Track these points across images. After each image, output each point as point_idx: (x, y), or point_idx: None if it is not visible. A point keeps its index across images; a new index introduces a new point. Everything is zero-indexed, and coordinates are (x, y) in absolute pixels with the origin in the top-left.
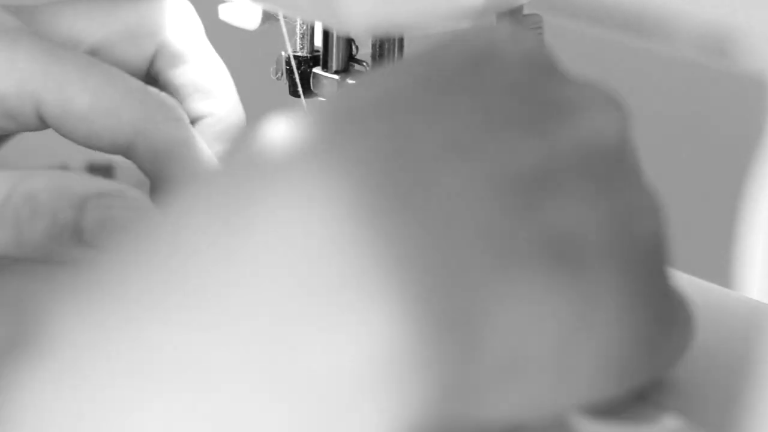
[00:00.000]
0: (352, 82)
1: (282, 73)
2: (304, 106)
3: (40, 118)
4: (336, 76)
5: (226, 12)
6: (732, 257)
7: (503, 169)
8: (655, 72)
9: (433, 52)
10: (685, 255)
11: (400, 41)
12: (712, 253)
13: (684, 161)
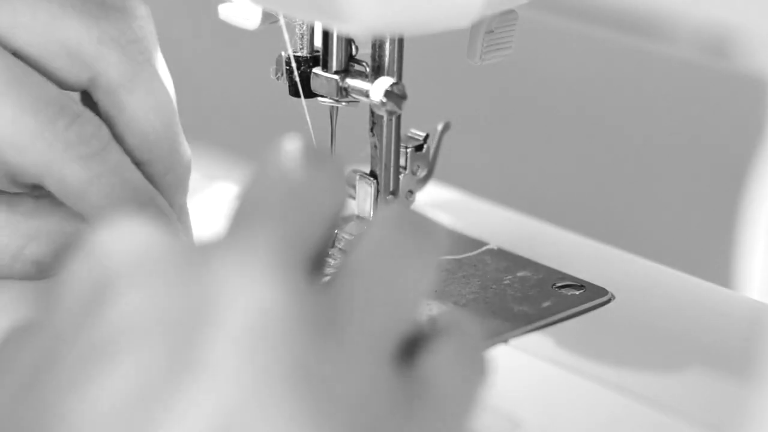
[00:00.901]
0: None
1: (282, 73)
2: (303, 105)
3: None
4: (336, 76)
5: (226, 12)
6: (732, 257)
7: None
8: (655, 72)
9: None
10: (685, 255)
11: (400, 41)
12: (712, 253)
13: (684, 161)
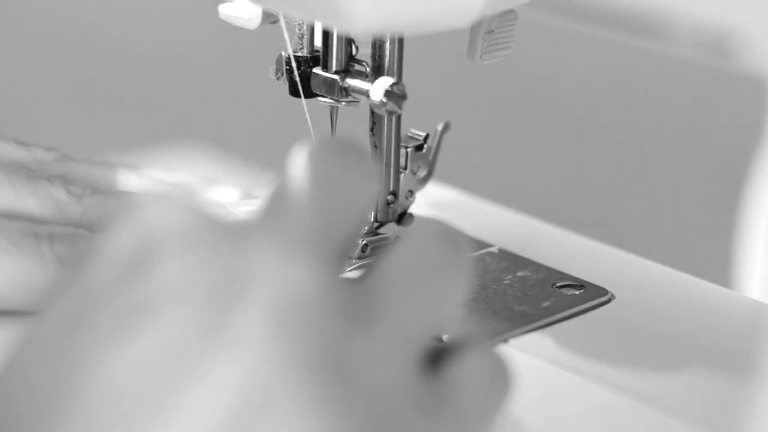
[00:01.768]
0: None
1: (282, 73)
2: (304, 105)
3: None
4: (336, 76)
5: (226, 12)
6: (732, 257)
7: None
8: (655, 72)
9: None
10: (685, 255)
11: (400, 41)
12: (712, 253)
13: (684, 161)
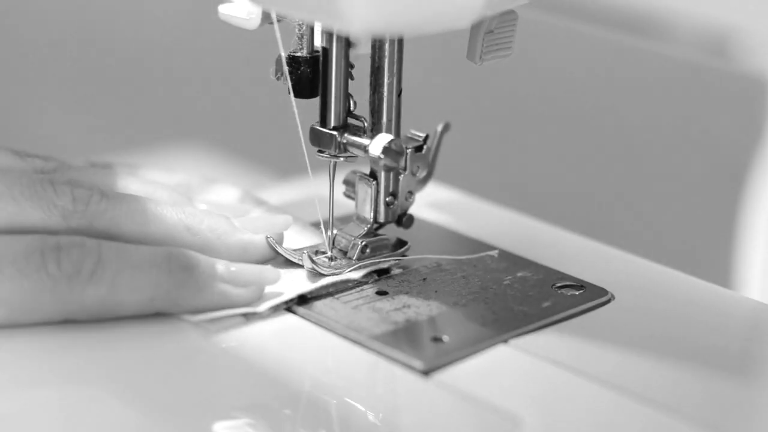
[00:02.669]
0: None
1: (282, 73)
2: (293, 106)
3: None
4: (335, 132)
5: (226, 12)
6: (732, 257)
7: None
8: (655, 72)
9: None
10: (685, 255)
11: (400, 41)
12: (712, 253)
13: (684, 161)
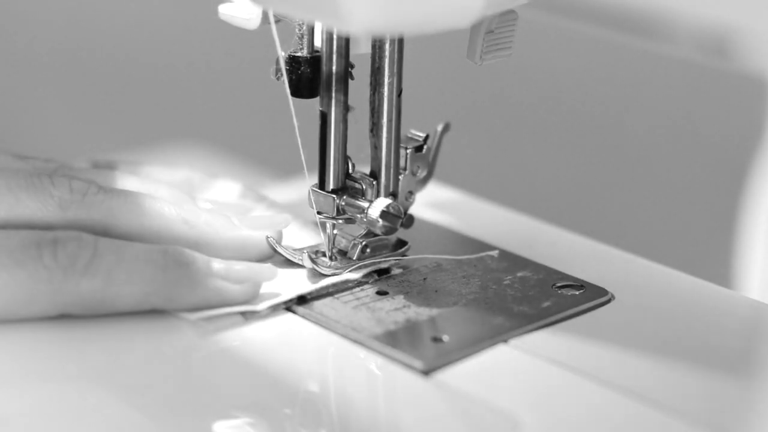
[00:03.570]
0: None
1: (282, 74)
2: (291, 108)
3: None
4: (333, 195)
5: (226, 12)
6: (732, 257)
7: None
8: (655, 72)
9: None
10: (685, 255)
11: (400, 41)
12: (712, 253)
13: (684, 161)
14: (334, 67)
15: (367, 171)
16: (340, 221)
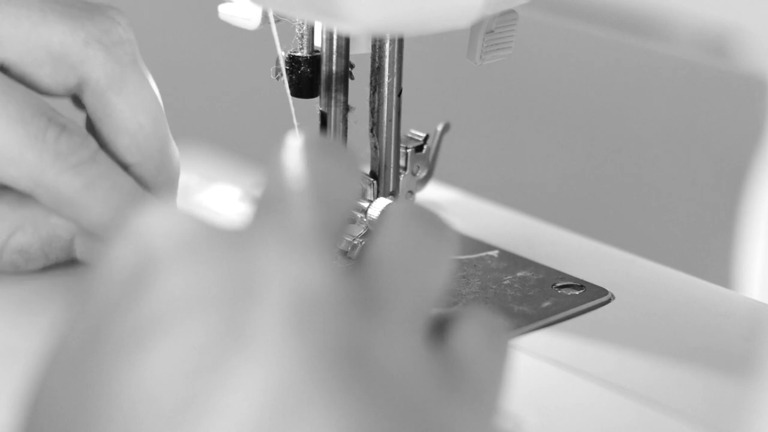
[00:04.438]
0: None
1: (282, 74)
2: (291, 107)
3: None
4: None
5: (226, 12)
6: (732, 257)
7: None
8: (655, 72)
9: None
10: (685, 255)
11: (400, 41)
12: (712, 253)
13: (684, 161)
14: (334, 67)
15: (367, 171)
16: None
